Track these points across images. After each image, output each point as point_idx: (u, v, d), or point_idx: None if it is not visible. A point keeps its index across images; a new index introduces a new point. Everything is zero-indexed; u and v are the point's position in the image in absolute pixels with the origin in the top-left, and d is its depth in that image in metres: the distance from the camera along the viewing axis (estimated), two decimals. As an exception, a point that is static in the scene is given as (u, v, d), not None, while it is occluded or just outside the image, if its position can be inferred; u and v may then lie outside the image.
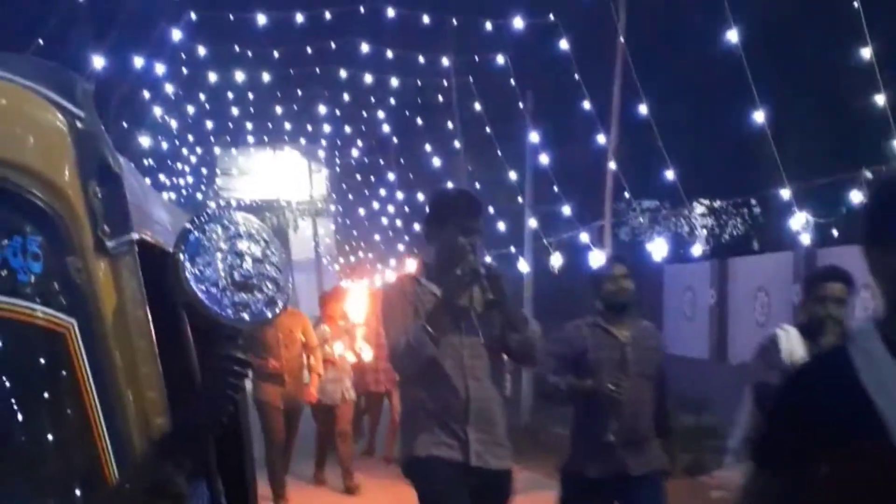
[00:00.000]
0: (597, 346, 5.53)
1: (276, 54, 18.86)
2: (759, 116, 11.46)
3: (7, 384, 2.05)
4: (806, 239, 11.99)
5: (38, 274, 2.08)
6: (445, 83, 21.14)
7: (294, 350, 9.88)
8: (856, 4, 9.47)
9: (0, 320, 2.03)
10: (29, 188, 2.10)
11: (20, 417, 2.05)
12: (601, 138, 14.69)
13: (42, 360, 2.09)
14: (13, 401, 2.05)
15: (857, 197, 10.42)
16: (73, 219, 2.14)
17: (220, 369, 2.23)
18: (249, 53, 18.92)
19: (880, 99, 9.75)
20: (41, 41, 10.62)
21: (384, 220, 29.70)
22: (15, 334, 2.06)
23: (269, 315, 2.27)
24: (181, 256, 2.21)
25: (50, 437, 2.06)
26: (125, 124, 16.75)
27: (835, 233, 11.73)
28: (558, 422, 12.20)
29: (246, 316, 2.23)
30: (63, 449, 2.07)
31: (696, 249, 16.07)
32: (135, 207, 2.33)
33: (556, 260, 16.86)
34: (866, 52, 9.75)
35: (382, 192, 29.28)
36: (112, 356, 2.15)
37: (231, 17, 16.26)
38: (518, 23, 15.58)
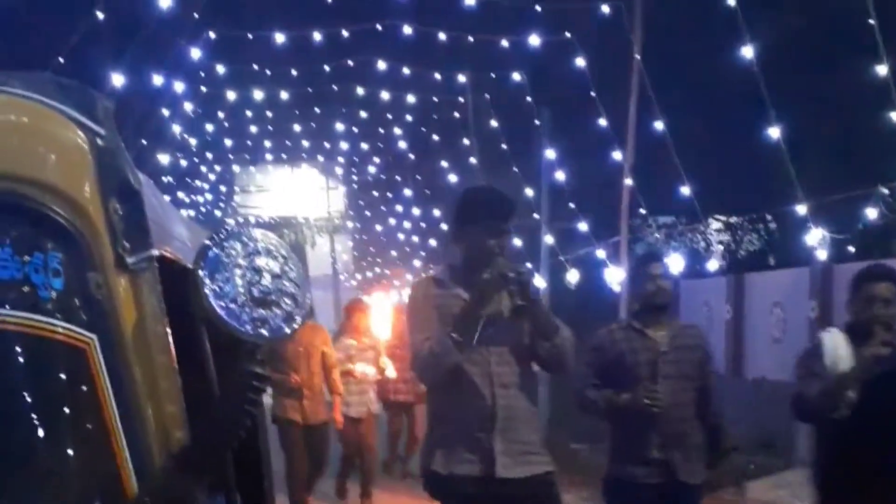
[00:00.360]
0: (632, 349, 5.29)
1: (294, 72, 18.97)
2: (774, 132, 11.47)
3: (29, 399, 2.08)
4: (822, 255, 11.96)
5: (59, 290, 2.11)
6: (462, 100, 21.22)
7: (314, 365, 9.49)
8: (871, 21, 9.47)
9: (22, 336, 2.06)
10: (50, 205, 2.13)
11: (41, 432, 2.07)
12: (617, 154, 14.71)
13: (63, 375, 2.12)
14: (35, 415, 2.08)
15: (872, 213, 10.42)
16: (94, 235, 2.18)
17: (238, 384, 2.26)
18: (268, 72, 19.04)
19: (895, 116, 9.74)
20: (61, 59, 10.70)
21: (401, 237, 29.75)
22: (36, 350, 2.08)
23: (288, 330, 2.30)
24: (201, 273, 2.24)
25: (71, 451, 2.09)
26: (144, 141, 16.84)
27: (851, 249, 11.69)
28: (579, 437, 12.18)
29: (264, 331, 2.26)
30: (84, 463, 2.09)
31: (713, 265, 16.06)
32: (154, 224, 2.37)
33: (573, 276, 16.88)
34: (882, 69, 9.74)
35: (399, 208, 29.35)
36: (132, 371, 2.18)
37: (250, 35, 16.36)
38: (534, 40, 15.62)
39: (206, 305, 2.22)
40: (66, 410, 2.11)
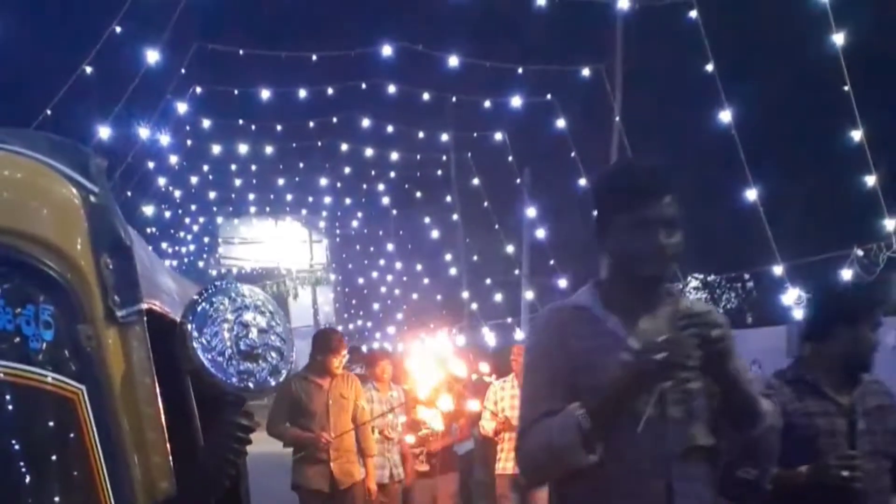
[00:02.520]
0: (809, 413, 3.78)
1: (279, 127, 19.11)
2: (751, 194, 11.67)
3: (17, 447, 2.12)
4: (799, 314, 12.09)
5: (49, 341, 2.16)
6: (444, 158, 21.42)
7: (344, 420, 7.84)
8: (846, 88, 9.70)
9: (12, 386, 2.11)
10: (43, 259, 2.19)
11: (29, 479, 2.11)
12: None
13: (52, 425, 2.16)
14: (23, 463, 2.12)
15: (848, 274, 10.57)
16: (85, 289, 2.23)
17: (224, 434, 2.32)
18: (253, 126, 19.18)
19: (871, 179, 9.95)
20: (48, 111, 10.79)
21: (383, 290, 29.80)
22: (26, 399, 2.13)
23: (273, 383, 2.37)
24: (189, 326, 2.31)
25: (58, 499, 2.12)
26: (129, 193, 16.90)
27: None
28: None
29: (250, 384, 2.33)
30: (70, 511, 2.13)
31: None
32: (144, 278, 2.43)
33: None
34: (857, 134, 9.96)
35: (381, 262, 29.45)
36: (120, 422, 2.23)
37: (235, 91, 16.51)
38: (516, 101, 15.85)
39: (193, 358, 2.29)
40: (54, 459, 2.15)
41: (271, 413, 7.86)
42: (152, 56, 11.97)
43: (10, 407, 2.12)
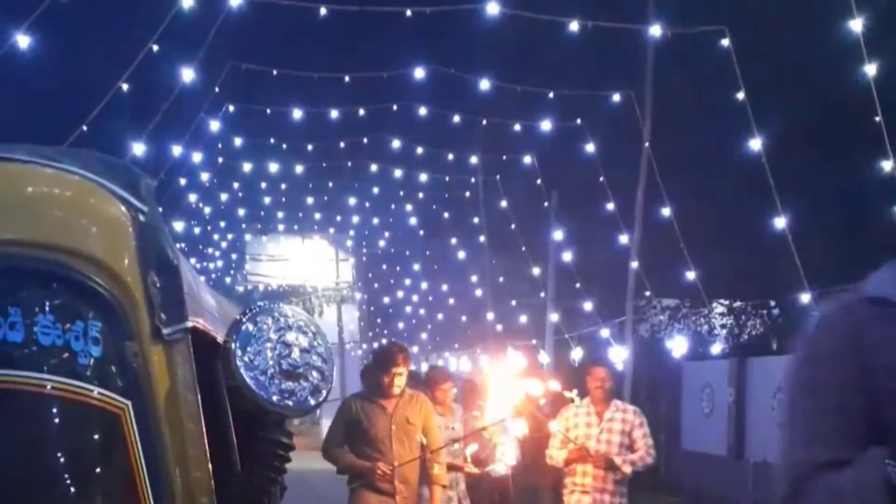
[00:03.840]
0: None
1: (309, 147, 19.23)
2: (780, 222, 11.65)
3: (64, 460, 2.18)
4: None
5: (97, 357, 2.21)
6: (473, 180, 21.49)
7: (411, 447, 6.81)
8: (878, 119, 9.70)
9: (60, 400, 2.16)
10: (92, 276, 2.25)
11: (74, 492, 2.17)
12: (623, 237, 14.88)
13: (97, 439, 2.22)
14: (68, 476, 2.17)
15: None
16: (133, 306, 2.29)
17: (265, 453, 2.37)
18: (284, 145, 19.30)
19: (901, 211, 9.93)
20: (84, 127, 10.93)
21: (408, 310, 29.85)
22: (73, 414, 2.19)
23: (313, 402, 2.42)
24: (233, 345, 2.36)
25: (101, 510, 2.18)
26: (160, 209, 17.04)
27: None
28: None
29: (290, 403, 2.38)
30: (114, 524, 2.18)
31: (716, 348, 16.11)
32: (189, 297, 2.48)
33: (577, 354, 16.97)
34: (888, 164, 9.95)
35: (407, 282, 29.52)
36: (163, 437, 2.27)
37: (268, 110, 16.65)
38: (546, 125, 15.90)
39: (237, 376, 2.34)
40: (99, 472, 2.21)
41: (328, 434, 7.15)
42: (187, 74, 12.11)
43: (58, 420, 2.17)
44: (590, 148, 15.55)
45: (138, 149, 11.75)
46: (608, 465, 7.29)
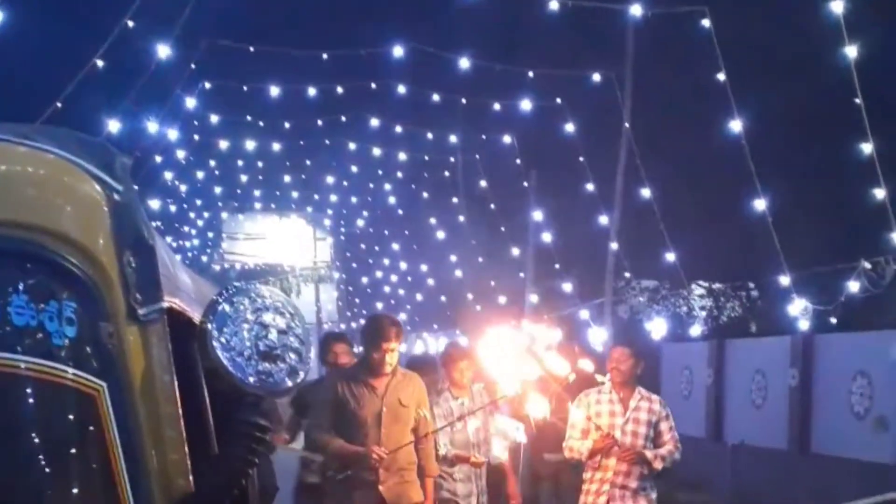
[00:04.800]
0: None
1: (287, 125, 19.15)
2: (760, 204, 11.70)
3: (38, 442, 2.14)
4: (804, 324, 12.12)
5: (71, 338, 2.18)
6: (452, 159, 21.47)
7: (400, 432, 6.14)
8: (857, 101, 9.73)
9: (35, 381, 2.13)
10: (66, 256, 2.21)
11: (49, 474, 2.14)
12: (603, 218, 14.91)
13: (72, 420, 2.18)
14: (43, 457, 2.14)
15: (855, 286, 10.61)
16: (108, 286, 2.25)
17: (241, 434, 2.35)
18: (261, 123, 19.22)
19: (880, 193, 9.97)
20: (58, 104, 10.82)
21: (387, 289, 29.86)
22: (48, 395, 2.15)
23: (290, 384, 2.39)
24: (209, 326, 2.33)
25: (76, 493, 2.15)
26: (135, 187, 16.91)
27: (833, 320, 11.86)
28: None
29: (268, 384, 2.35)
30: (89, 506, 2.16)
31: (695, 329, 16.20)
32: (164, 277, 2.45)
33: (556, 335, 16.99)
34: (867, 147, 9.99)
35: (386, 261, 29.51)
36: (139, 419, 2.25)
37: (245, 87, 16.54)
38: (525, 104, 15.88)
39: (213, 357, 2.31)
40: (74, 453, 2.17)
41: (311, 418, 6.55)
42: (163, 51, 12.00)
43: (32, 402, 2.14)
44: (569, 128, 15.55)
45: (114, 126, 11.63)
46: (639, 459, 6.58)
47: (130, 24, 11.24)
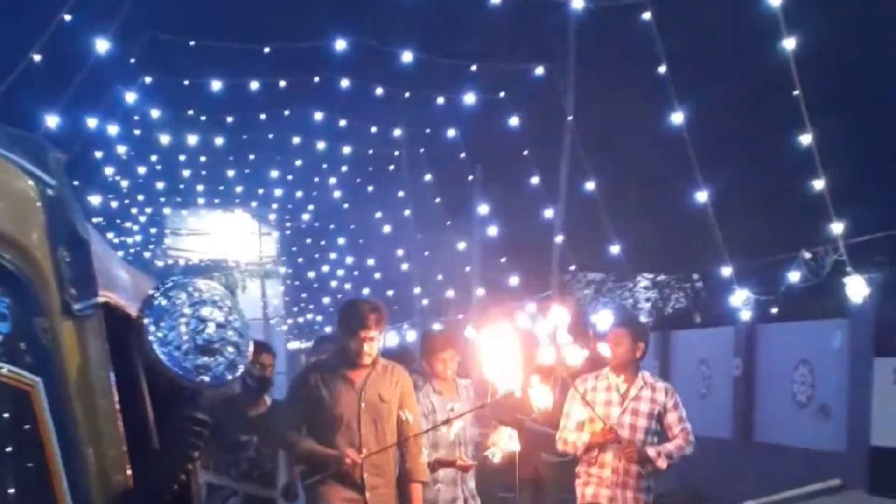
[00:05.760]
0: None
1: (229, 119, 19.00)
2: (702, 196, 11.83)
3: (-28, 439, 2.12)
4: (746, 315, 12.29)
5: (5, 333, 2.16)
6: (396, 153, 21.45)
7: (384, 431, 5.53)
8: (796, 93, 9.86)
9: (-33, 378, 2.11)
10: (-1, 252, 2.17)
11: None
12: (548, 212, 14.98)
13: (7, 417, 2.17)
14: (-24, 455, 2.12)
15: (795, 276, 10.76)
16: (42, 281, 2.23)
17: (180, 429, 2.33)
18: (203, 117, 19.04)
19: (819, 184, 10.12)
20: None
21: (333, 284, 29.76)
22: (-19, 391, 2.11)
23: (229, 377, 2.38)
24: (146, 320, 2.31)
25: (12, 490, 2.13)
26: (75, 182, 16.68)
27: (774, 310, 12.05)
28: None
29: (206, 378, 2.34)
30: (24, 502, 2.13)
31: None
32: (100, 271, 2.42)
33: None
34: (806, 139, 10.13)
35: (332, 256, 29.40)
36: (75, 414, 2.23)
37: (186, 81, 16.37)
38: (469, 98, 15.91)
39: (150, 352, 2.30)
40: (9, 450, 2.16)
41: (279, 414, 5.94)
42: (102, 45, 11.82)
43: (-35, 398, 2.11)
44: (513, 121, 15.60)
45: (52, 122, 11.44)
46: (641, 457, 5.95)
47: (68, 17, 11.06)
